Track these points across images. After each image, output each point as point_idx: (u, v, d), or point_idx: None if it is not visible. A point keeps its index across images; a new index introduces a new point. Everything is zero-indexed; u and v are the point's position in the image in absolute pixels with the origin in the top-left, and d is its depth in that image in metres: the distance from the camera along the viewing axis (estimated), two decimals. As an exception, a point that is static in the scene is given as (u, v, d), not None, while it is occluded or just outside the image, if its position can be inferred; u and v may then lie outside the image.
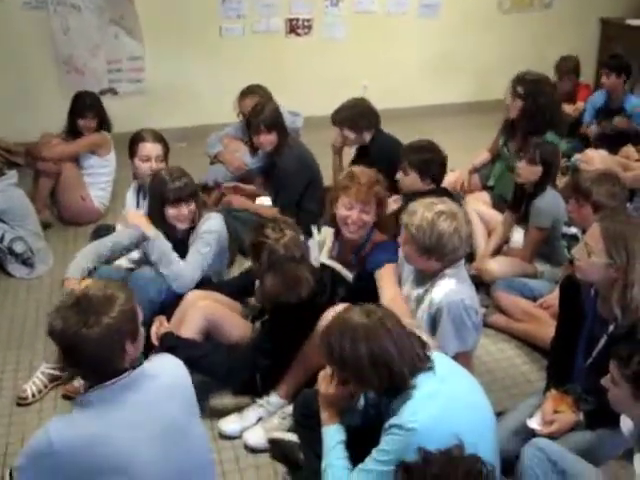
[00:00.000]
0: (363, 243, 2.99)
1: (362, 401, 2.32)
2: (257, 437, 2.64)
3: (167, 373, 1.94)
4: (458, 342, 2.44)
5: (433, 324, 2.48)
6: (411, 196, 3.04)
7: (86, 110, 4.41)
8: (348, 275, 2.91)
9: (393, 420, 1.92)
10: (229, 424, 2.72)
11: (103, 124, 4.49)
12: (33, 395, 2.91)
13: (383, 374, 1.93)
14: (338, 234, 3.03)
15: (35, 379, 2.95)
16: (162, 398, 1.86)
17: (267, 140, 3.91)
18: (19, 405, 2.89)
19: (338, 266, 2.93)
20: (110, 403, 1.78)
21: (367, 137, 4.05)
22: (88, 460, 1.72)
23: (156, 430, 1.81)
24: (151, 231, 3.05)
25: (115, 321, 1.76)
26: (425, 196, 2.69)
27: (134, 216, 3.19)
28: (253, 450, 2.63)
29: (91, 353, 1.75)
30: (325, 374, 2.20)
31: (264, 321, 2.86)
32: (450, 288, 2.44)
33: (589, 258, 2.28)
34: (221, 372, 2.72)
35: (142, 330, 1.92)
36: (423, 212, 2.45)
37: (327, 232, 3.07)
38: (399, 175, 3.45)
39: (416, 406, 1.90)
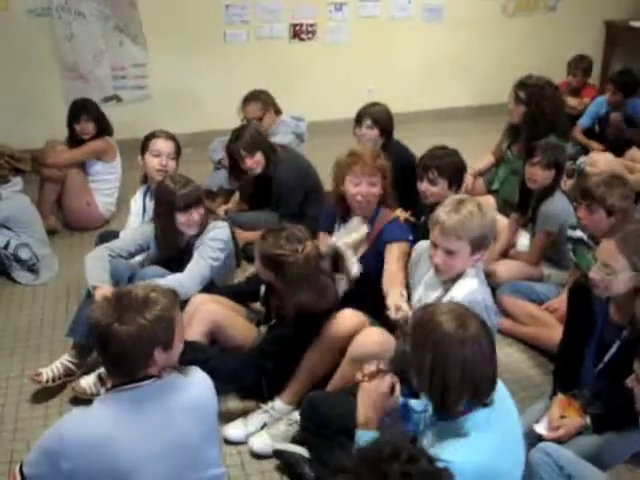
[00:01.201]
0: (372, 219, 3.02)
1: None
2: (262, 443, 2.63)
3: (194, 392, 1.91)
4: None
5: None
6: (432, 207, 2.79)
7: (80, 114, 4.39)
8: (353, 268, 2.86)
9: (444, 455, 1.71)
10: (233, 430, 2.71)
11: (104, 129, 4.47)
12: (47, 381, 2.92)
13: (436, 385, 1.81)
14: (344, 215, 3.07)
15: (53, 367, 2.96)
16: (180, 415, 1.84)
17: (253, 162, 3.89)
18: (34, 400, 2.92)
19: (348, 254, 2.85)
20: (127, 407, 1.78)
21: (379, 144, 4.04)
22: (94, 460, 1.72)
23: (165, 445, 1.80)
24: None
25: (149, 324, 1.76)
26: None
27: (102, 292, 2.85)
28: (259, 456, 2.62)
29: (118, 349, 1.76)
30: (371, 371, 2.06)
31: (271, 325, 2.86)
32: (472, 288, 2.41)
33: (614, 276, 2.24)
34: (226, 375, 2.70)
35: (179, 344, 1.89)
36: (467, 209, 2.39)
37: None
38: (425, 186, 3.26)
39: (470, 447, 1.78)
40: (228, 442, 2.69)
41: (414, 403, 2.15)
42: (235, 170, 4.03)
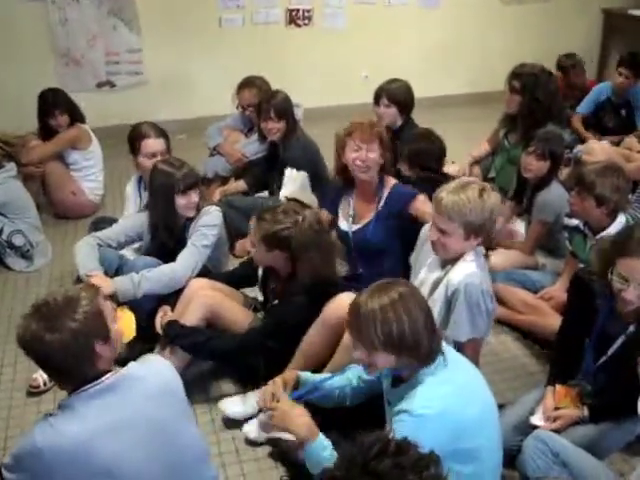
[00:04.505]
0: (377, 189, 3.16)
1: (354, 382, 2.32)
2: (257, 432, 2.61)
3: (154, 375, 1.88)
4: (471, 327, 2.39)
5: (448, 308, 2.43)
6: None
7: (53, 108, 4.34)
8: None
9: (403, 406, 1.88)
10: (231, 404, 2.72)
11: (76, 117, 4.41)
12: (45, 383, 2.90)
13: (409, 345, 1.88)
14: (347, 187, 3.22)
15: None
16: (147, 400, 1.81)
17: (275, 127, 3.93)
18: (31, 394, 2.90)
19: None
20: (92, 407, 1.74)
21: (399, 122, 4.01)
22: (73, 466, 1.69)
23: (140, 434, 1.77)
24: (114, 286, 2.88)
25: (79, 324, 1.70)
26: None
27: (95, 280, 2.86)
28: (253, 443, 2.61)
29: (58, 359, 1.70)
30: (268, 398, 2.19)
31: (272, 305, 2.84)
32: (471, 270, 2.40)
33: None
34: (227, 353, 2.72)
35: (115, 328, 1.86)
36: (466, 194, 2.37)
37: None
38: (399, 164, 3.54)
39: (427, 392, 1.87)
40: (223, 429, 2.69)
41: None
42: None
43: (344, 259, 2.99)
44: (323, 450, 2.03)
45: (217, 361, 2.92)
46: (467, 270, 2.39)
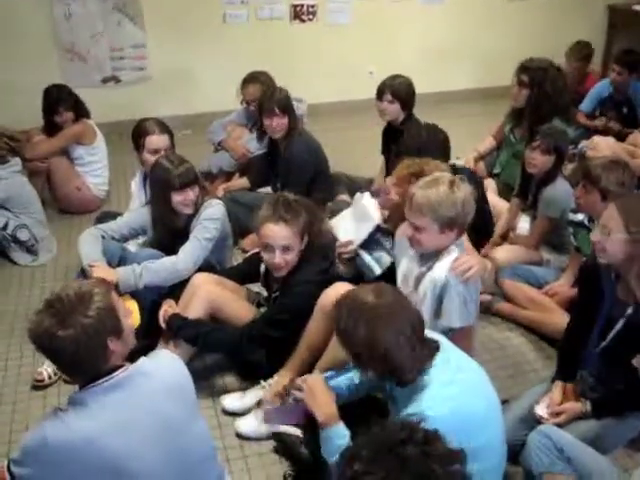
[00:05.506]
0: None
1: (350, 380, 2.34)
2: (250, 426, 2.63)
3: (164, 370, 1.89)
4: (465, 315, 2.41)
5: (439, 302, 2.43)
6: None
7: (57, 105, 4.33)
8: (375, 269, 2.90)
9: (410, 409, 1.88)
10: (230, 399, 2.75)
11: (80, 112, 4.41)
12: (49, 377, 2.92)
13: (380, 361, 1.90)
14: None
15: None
16: (157, 396, 1.81)
17: (280, 124, 3.88)
18: (36, 388, 2.90)
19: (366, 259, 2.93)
20: (102, 403, 1.73)
21: (400, 118, 4.01)
22: (82, 461, 1.69)
23: (150, 430, 1.77)
24: (116, 276, 2.88)
25: (92, 320, 1.70)
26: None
27: (98, 270, 2.93)
28: (257, 438, 2.61)
29: (71, 355, 1.70)
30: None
31: (274, 297, 2.86)
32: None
33: (608, 236, 2.23)
34: (230, 344, 2.73)
35: (129, 324, 1.86)
36: (436, 188, 2.38)
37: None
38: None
39: (434, 394, 1.88)
40: (227, 425, 2.68)
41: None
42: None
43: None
44: (340, 439, 2.03)
45: (221, 352, 2.93)
46: (449, 264, 2.41)
